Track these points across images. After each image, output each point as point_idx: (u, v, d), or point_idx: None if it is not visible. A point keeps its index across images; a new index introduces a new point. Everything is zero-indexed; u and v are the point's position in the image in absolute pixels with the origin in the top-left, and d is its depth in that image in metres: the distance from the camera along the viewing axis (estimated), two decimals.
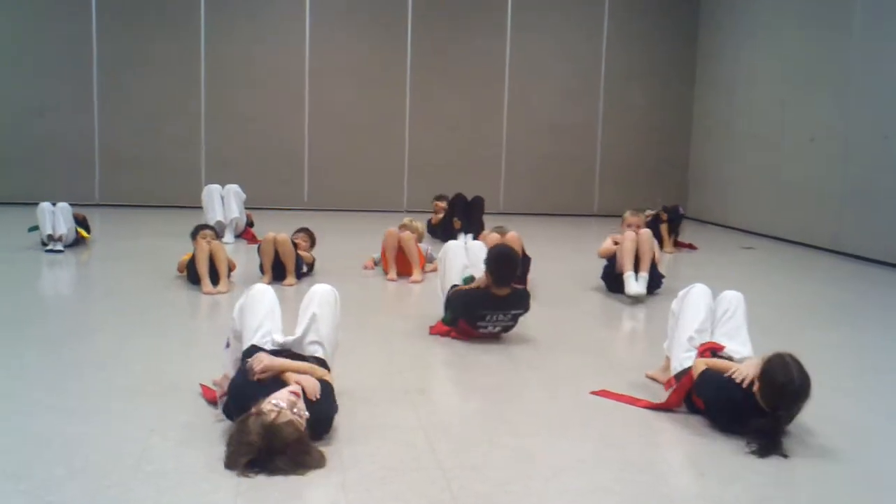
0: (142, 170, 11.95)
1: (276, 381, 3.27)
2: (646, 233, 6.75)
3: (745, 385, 3.47)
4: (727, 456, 3.33)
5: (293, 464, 2.96)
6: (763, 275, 8.31)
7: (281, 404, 3.05)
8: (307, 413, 3.11)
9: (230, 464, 2.97)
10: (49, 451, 3.10)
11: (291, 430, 2.98)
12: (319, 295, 3.74)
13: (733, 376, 3.52)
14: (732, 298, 4.16)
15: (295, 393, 3.14)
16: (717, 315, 4.12)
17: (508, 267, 4.96)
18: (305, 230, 7.36)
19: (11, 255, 7.59)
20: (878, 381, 4.65)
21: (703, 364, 3.72)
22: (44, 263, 7.27)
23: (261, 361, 3.33)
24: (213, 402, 3.62)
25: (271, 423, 2.97)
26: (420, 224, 7.84)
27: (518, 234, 7.09)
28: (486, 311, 4.94)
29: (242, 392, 3.23)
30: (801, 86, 10.33)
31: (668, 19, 13.05)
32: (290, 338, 3.66)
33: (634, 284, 6.40)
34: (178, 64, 11.95)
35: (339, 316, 3.80)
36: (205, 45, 11.97)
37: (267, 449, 2.93)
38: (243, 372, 3.36)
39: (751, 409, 3.42)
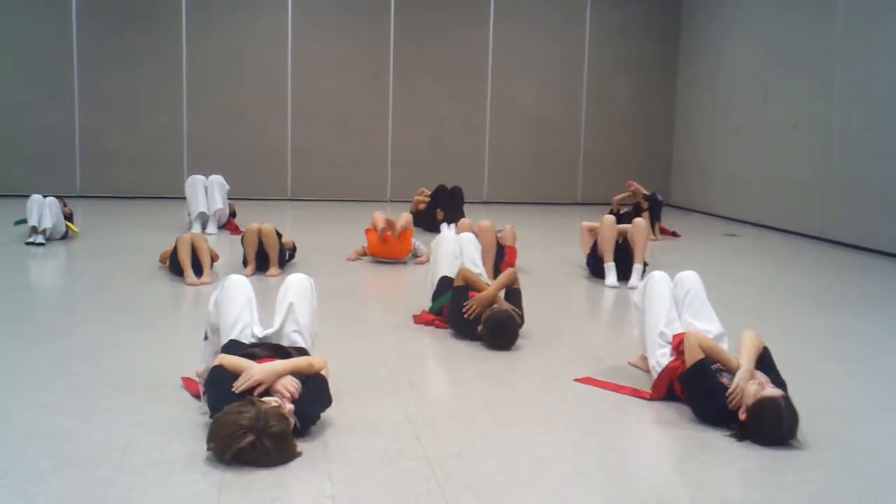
0: (123, 162, 11.87)
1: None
2: (640, 223, 6.80)
3: (734, 408, 3.47)
4: (710, 441, 3.36)
5: (276, 450, 2.95)
6: (747, 262, 8.36)
7: (280, 400, 3.13)
8: (294, 418, 3.14)
9: (218, 447, 2.95)
10: (34, 445, 3.09)
11: (279, 421, 2.98)
12: (295, 284, 3.72)
13: (729, 397, 3.48)
14: (689, 279, 4.18)
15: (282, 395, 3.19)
16: (679, 298, 4.13)
17: (507, 338, 4.73)
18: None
19: None
20: (861, 367, 4.69)
21: (698, 350, 3.62)
22: (26, 257, 7.22)
23: (251, 377, 3.20)
24: (195, 395, 3.61)
25: (266, 409, 2.98)
26: (407, 215, 7.74)
27: (512, 227, 7.11)
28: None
29: (225, 400, 3.13)
30: (784, 76, 10.39)
31: (651, 10, 13.08)
32: (270, 330, 3.64)
33: (613, 278, 6.53)
34: (159, 56, 11.85)
35: (315, 304, 3.79)
36: (186, 38, 11.89)
37: (258, 430, 2.91)
38: (224, 381, 3.23)
39: (732, 417, 3.46)
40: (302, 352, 3.54)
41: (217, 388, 3.22)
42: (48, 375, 3.95)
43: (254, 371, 3.22)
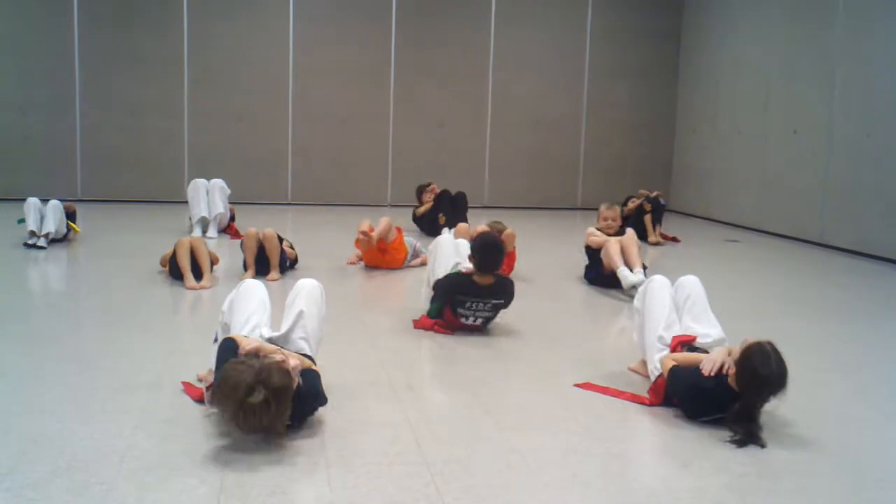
0: (124, 165, 11.89)
1: None
2: (630, 234, 6.81)
3: (713, 373, 3.51)
4: (709, 447, 3.36)
5: (276, 400, 2.99)
6: (747, 267, 8.36)
7: (286, 354, 3.23)
8: (300, 379, 3.19)
9: (219, 397, 3.01)
10: (33, 449, 3.09)
11: (281, 375, 3.04)
12: (306, 291, 3.77)
13: (702, 368, 3.55)
14: (690, 283, 4.19)
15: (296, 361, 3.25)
16: (679, 302, 4.14)
17: (492, 254, 4.99)
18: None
19: None
20: (861, 373, 4.69)
21: (670, 361, 3.74)
22: (25, 259, 7.22)
23: (251, 342, 3.34)
24: (196, 399, 3.61)
25: (270, 363, 3.05)
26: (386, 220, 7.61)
27: (512, 231, 7.11)
28: (468, 297, 4.97)
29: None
30: (785, 81, 10.39)
31: (652, 14, 13.10)
32: (277, 333, 3.68)
33: (631, 275, 6.43)
34: (161, 60, 11.87)
35: (324, 310, 3.86)
36: (188, 42, 11.91)
37: (259, 379, 2.96)
38: (231, 350, 3.34)
39: (723, 395, 3.47)
40: (307, 358, 3.56)
41: (225, 353, 3.34)
42: (48, 378, 3.95)
43: (252, 339, 3.40)
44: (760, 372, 3.35)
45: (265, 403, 2.97)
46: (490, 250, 4.99)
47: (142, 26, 11.77)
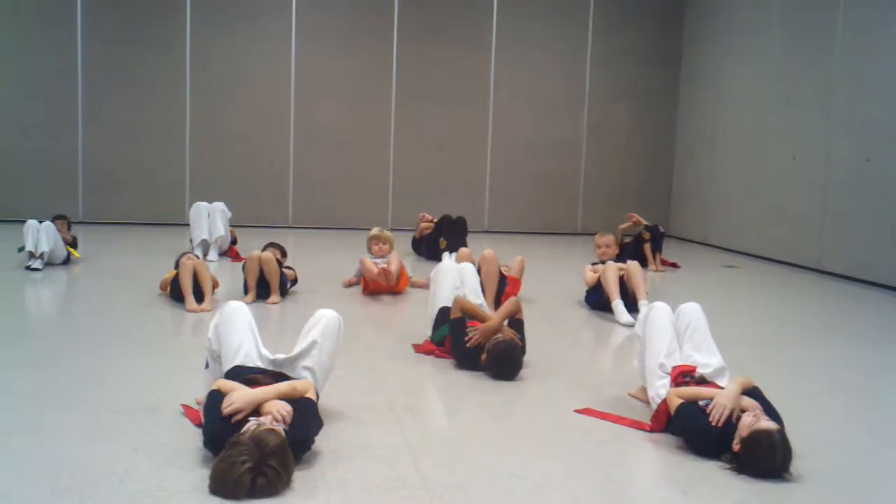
0: (126, 188, 11.94)
1: (249, 416, 3.22)
2: (634, 265, 6.79)
3: (720, 424, 3.48)
4: (710, 474, 3.35)
5: (283, 466, 2.94)
6: (747, 293, 8.37)
7: (260, 420, 3.10)
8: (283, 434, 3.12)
9: (228, 493, 2.89)
10: (33, 470, 3.08)
11: (275, 436, 2.98)
12: (325, 323, 3.71)
13: (710, 414, 3.51)
14: (691, 311, 4.18)
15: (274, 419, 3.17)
16: (680, 330, 4.13)
17: (507, 367, 4.70)
18: (274, 244, 7.32)
19: None
20: (861, 399, 4.69)
21: (676, 398, 3.69)
22: (26, 282, 7.23)
23: (231, 404, 3.19)
24: (195, 422, 3.61)
25: (254, 432, 2.97)
26: (389, 234, 7.72)
27: (522, 259, 7.11)
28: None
29: (219, 434, 3.14)
30: (784, 106, 10.45)
31: (652, 39, 13.19)
32: (283, 355, 3.66)
33: (625, 314, 6.42)
34: (163, 82, 11.96)
35: (340, 344, 3.81)
36: (190, 64, 11.99)
37: (259, 455, 2.89)
38: (217, 405, 3.23)
39: (728, 442, 3.44)
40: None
41: (211, 412, 3.23)
42: (47, 400, 3.95)
43: (234, 398, 3.21)
44: (763, 465, 3.31)
45: (275, 477, 2.91)
46: (506, 364, 4.70)
47: (144, 47, 11.86)
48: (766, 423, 3.37)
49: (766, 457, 3.29)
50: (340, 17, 12.43)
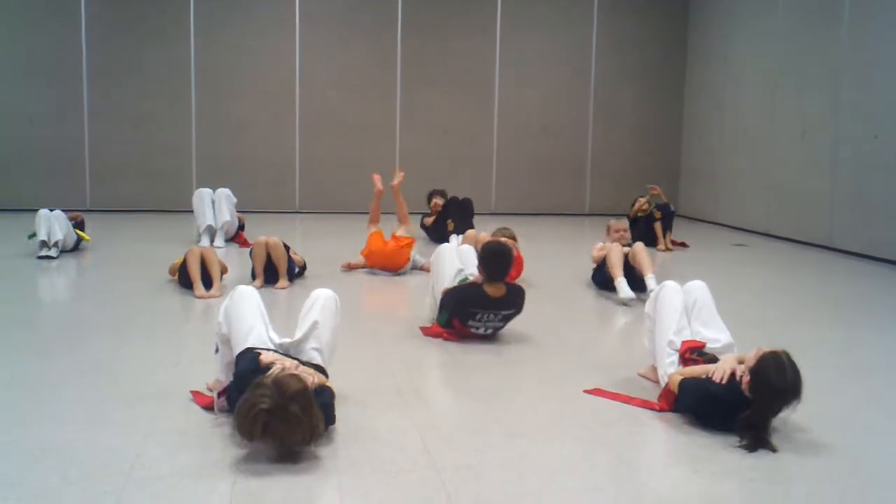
0: (132, 176, 11.95)
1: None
2: (638, 245, 6.82)
3: (724, 381, 3.50)
4: (720, 452, 3.35)
5: (305, 412, 2.99)
6: (755, 272, 8.34)
7: (284, 363, 3.25)
8: (312, 378, 3.24)
9: (245, 432, 3.00)
10: (43, 459, 3.10)
11: (296, 381, 3.06)
12: (322, 301, 3.77)
13: (712, 377, 3.55)
14: (696, 288, 4.20)
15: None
16: (688, 307, 4.15)
17: (502, 263, 4.94)
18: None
19: (3, 262, 7.57)
20: (871, 377, 4.67)
21: (678, 377, 3.72)
22: (36, 270, 7.25)
23: (276, 357, 3.37)
24: (206, 407, 3.62)
25: (277, 376, 3.06)
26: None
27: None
28: (478, 309, 4.94)
29: (248, 378, 3.22)
30: (791, 84, 10.38)
31: (658, 19, 13.11)
32: (288, 340, 3.69)
33: (625, 290, 6.46)
34: (168, 71, 11.94)
35: (339, 321, 3.86)
36: (195, 52, 11.96)
37: (279, 399, 2.96)
38: (249, 360, 3.35)
39: (736, 402, 3.45)
40: (318, 368, 3.56)
41: (242, 357, 3.41)
42: (58, 387, 3.96)
43: (279, 356, 3.40)
44: (775, 383, 3.33)
45: (296, 419, 2.98)
46: (499, 259, 4.94)
47: (149, 36, 11.83)
48: (772, 349, 3.43)
49: (776, 372, 3.33)
50: (344, 3, 12.38)
